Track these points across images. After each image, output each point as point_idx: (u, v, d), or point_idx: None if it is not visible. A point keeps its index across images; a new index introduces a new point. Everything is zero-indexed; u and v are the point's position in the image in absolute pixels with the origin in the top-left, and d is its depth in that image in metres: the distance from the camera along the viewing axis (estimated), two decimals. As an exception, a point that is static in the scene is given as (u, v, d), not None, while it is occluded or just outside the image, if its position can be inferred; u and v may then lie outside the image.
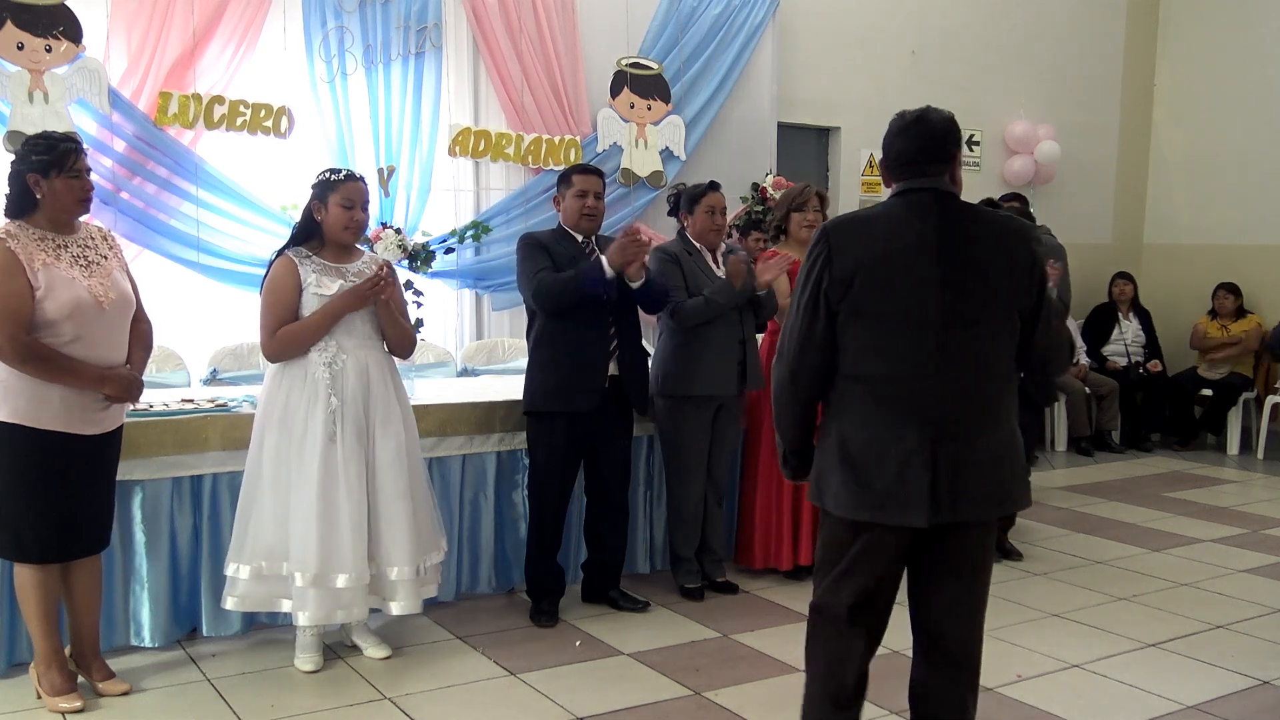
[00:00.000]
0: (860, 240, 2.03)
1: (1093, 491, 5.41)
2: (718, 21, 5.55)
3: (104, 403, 2.62)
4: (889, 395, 2.00)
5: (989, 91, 6.72)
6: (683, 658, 3.09)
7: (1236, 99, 6.93)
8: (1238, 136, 6.98)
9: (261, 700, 2.77)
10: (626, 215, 5.30)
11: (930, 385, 1.98)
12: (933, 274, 1.99)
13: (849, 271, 2.00)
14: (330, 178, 2.97)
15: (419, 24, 4.81)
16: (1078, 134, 7.00)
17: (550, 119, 5.12)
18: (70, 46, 4.13)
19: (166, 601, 3.03)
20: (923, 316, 1.98)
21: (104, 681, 2.77)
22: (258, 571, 2.88)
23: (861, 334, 2.02)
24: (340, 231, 2.95)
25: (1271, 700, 2.86)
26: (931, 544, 2.05)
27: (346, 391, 2.89)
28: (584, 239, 3.38)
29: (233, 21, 4.45)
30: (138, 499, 2.98)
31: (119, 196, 4.27)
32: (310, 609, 2.86)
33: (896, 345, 2.00)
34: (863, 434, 2.02)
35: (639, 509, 3.75)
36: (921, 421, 1.98)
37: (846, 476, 2.03)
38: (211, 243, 4.45)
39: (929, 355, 1.98)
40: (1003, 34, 6.75)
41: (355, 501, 2.87)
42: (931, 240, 2.00)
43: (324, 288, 2.89)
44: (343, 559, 2.85)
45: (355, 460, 2.88)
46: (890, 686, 2.86)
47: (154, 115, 4.31)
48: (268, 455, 2.88)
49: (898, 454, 1.98)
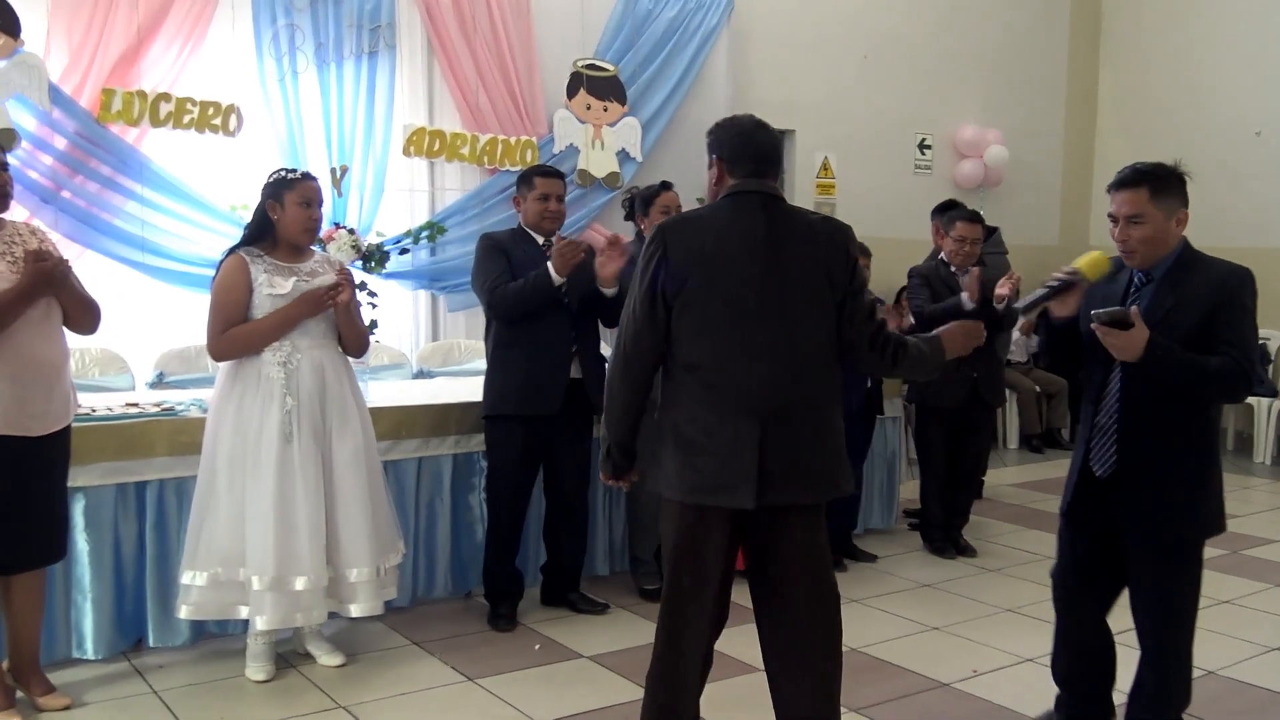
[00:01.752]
0: (694, 238, 2.15)
1: (1044, 488, 5.51)
2: (673, 24, 5.58)
3: (46, 396, 2.52)
4: (719, 383, 2.11)
5: (939, 96, 6.85)
6: (643, 660, 3.00)
7: (1177, 105, 7.13)
8: (1178, 142, 7.12)
9: (210, 712, 2.71)
10: (583, 216, 5.30)
11: (758, 374, 2.10)
12: (758, 270, 2.12)
13: (683, 267, 2.12)
14: (286, 176, 2.93)
15: (372, 23, 4.75)
16: (1024, 138, 7.16)
17: (505, 120, 5.09)
18: (8, 41, 4.00)
19: (110, 612, 2.94)
20: (748, 309, 2.11)
21: (44, 696, 2.68)
22: (214, 578, 2.81)
23: (693, 326, 2.13)
24: (298, 232, 2.91)
25: (1218, 690, 2.92)
26: (763, 526, 2.16)
27: (302, 392, 2.84)
28: (544, 240, 3.37)
29: (179, 17, 4.35)
30: (80, 506, 2.89)
31: (59, 195, 4.15)
32: (268, 613, 2.81)
33: (726, 336, 2.12)
34: (695, 420, 2.13)
35: (598, 511, 3.74)
36: (749, 408, 2.10)
37: (681, 461, 2.13)
38: (157, 243, 4.35)
39: (755, 346, 2.11)
40: (952, 40, 6.88)
41: (313, 503, 2.83)
42: (759, 239, 2.14)
43: (276, 287, 2.84)
44: (300, 561, 2.80)
45: (312, 461, 2.84)
46: (846, 684, 2.89)
47: (97, 112, 4.20)
48: (222, 459, 2.82)
49: (727, 439, 2.09)
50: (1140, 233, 2.20)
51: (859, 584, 3.83)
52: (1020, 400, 6.51)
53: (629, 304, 2.21)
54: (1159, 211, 2.19)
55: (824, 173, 6.43)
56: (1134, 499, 2.24)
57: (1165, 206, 2.20)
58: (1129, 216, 2.19)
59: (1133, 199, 2.19)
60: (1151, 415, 2.20)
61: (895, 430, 4.54)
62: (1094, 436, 2.29)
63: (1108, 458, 2.27)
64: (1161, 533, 2.24)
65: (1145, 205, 2.19)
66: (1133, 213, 2.19)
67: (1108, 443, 2.26)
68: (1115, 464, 2.25)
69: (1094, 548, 2.37)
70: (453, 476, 3.50)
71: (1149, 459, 2.22)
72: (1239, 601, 3.70)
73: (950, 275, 4.15)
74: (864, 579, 3.92)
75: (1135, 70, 7.47)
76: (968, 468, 4.34)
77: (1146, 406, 2.20)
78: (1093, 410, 2.31)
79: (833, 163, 6.46)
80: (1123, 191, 2.21)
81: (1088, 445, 2.31)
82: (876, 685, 2.93)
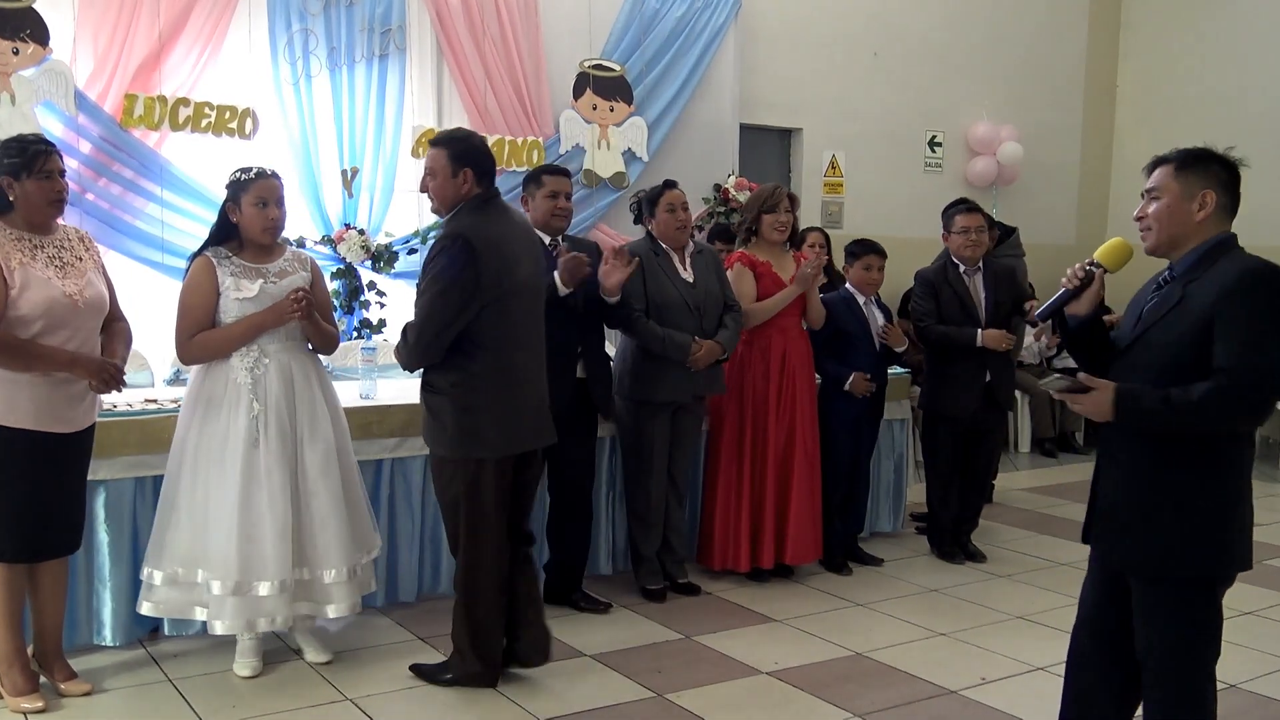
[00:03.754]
0: (496, 245, 2.70)
1: (1057, 493, 5.43)
2: (680, 23, 5.58)
3: (77, 400, 2.65)
4: (513, 362, 2.77)
5: (951, 93, 6.79)
6: (645, 659, 3.12)
7: (1199, 99, 6.99)
8: (1200, 137, 6.93)
9: (223, 700, 2.80)
10: (590, 216, 5.34)
11: (533, 347, 2.82)
12: (530, 264, 2.82)
13: (492, 271, 2.67)
14: (241, 177, 2.90)
15: (383, 26, 4.82)
16: (1041, 135, 7.08)
17: (513, 120, 5.14)
18: (37, 49, 4.11)
19: (128, 601, 3.04)
20: (529, 297, 2.81)
21: (66, 681, 2.79)
22: (172, 577, 2.85)
23: (494, 317, 2.70)
24: (258, 233, 2.89)
25: (1243, 704, 2.85)
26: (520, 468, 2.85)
27: (270, 396, 2.86)
28: (551, 240, 3.42)
29: (198, 24, 4.44)
30: (101, 498, 3.00)
31: (84, 198, 4.25)
32: (227, 618, 2.83)
33: (517, 322, 2.76)
34: (504, 391, 2.74)
35: (601, 510, 3.79)
36: (527, 377, 2.80)
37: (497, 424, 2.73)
38: (176, 243, 4.44)
39: (530, 328, 2.82)
40: (965, 36, 6.81)
41: (279, 508, 2.84)
42: (525, 238, 2.85)
43: (243, 290, 2.85)
44: (265, 566, 2.82)
45: (280, 465, 2.85)
46: (851, 689, 2.94)
47: (119, 117, 4.30)
48: (187, 460, 2.86)
49: (523, 401, 2.79)
50: (1156, 208, 1.99)
51: (864, 588, 3.82)
52: (1033, 403, 6.43)
53: (430, 305, 2.71)
54: (1179, 186, 1.97)
55: (832, 171, 6.41)
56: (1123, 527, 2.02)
57: (1186, 182, 1.97)
58: (1148, 189, 2.01)
59: (1158, 174, 2.01)
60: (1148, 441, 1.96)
61: (903, 432, 4.50)
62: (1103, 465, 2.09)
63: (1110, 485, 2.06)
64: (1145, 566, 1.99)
65: (1167, 179, 1.99)
66: (1153, 185, 2.01)
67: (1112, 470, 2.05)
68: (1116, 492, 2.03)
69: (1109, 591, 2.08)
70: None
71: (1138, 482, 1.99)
72: (1262, 613, 3.60)
73: (958, 277, 4.06)
74: (870, 583, 3.89)
75: (1157, 63, 7.33)
76: (978, 471, 4.21)
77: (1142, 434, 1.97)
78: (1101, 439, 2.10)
79: (841, 161, 6.43)
80: (1153, 170, 2.03)
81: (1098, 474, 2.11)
82: (882, 691, 2.92)
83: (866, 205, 6.35)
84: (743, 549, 3.77)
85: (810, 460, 3.81)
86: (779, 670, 3.07)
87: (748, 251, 3.83)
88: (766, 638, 3.34)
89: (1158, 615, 1.99)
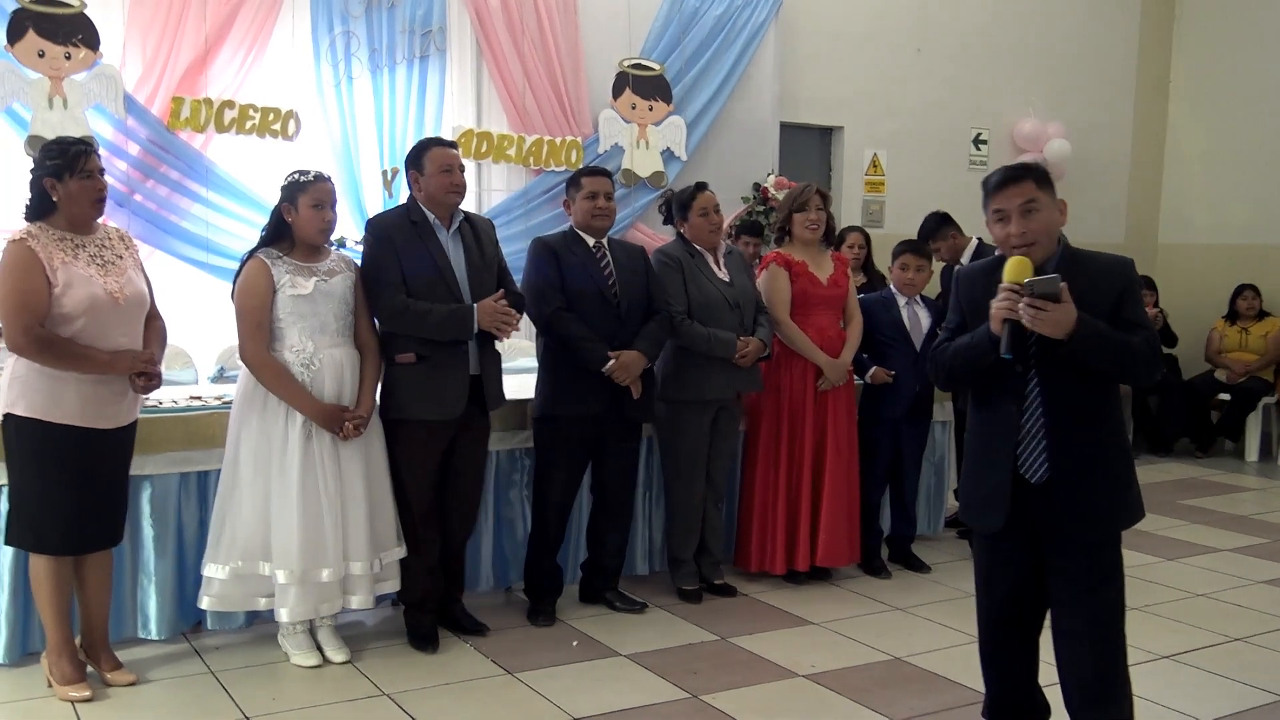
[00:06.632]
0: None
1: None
2: (720, 21, 5.56)
3: (119, 397, 2.71)
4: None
5: (996, 89, 6.68)
6: (680, 660, 3.12)
7: (1256, 92, 6.81)
8: (1258, 131, 6.84)
9: (263, 693, 2.84)
10: (628, 216, 5.33)
11: None
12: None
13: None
14: (299, 179, 2.98)
15: (424, 28, 4.87)
16: (1089, 132, 6.93)
17: (552, 120, 5.16)
18: (89, 54, 4.23)
19: (173, 595, 3.10)
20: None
21: (112, 672, 2.85)
22: (235, 571, 2.95)
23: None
24: (313, 234, 2.99)
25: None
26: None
27: (325, 391, 2.95)
28: (595, 242, 3.42)
29: (244, 27, 4.53)
30: (146, 494, 3.06)
31: (132, 199, 4.36)
32: (292, 605, 2.94)
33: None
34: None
35: (638, 511, 3.77)
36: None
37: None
38: (221, 244, 4.53)
39: None
40: (1011, 31, 6.69)
41: (333, 496, 2.95)
42: None
43: (298, 288, 2.94)
44: (325, 553, 2.93)
45: (331, 456, 2.95)
46: (890, 695, 2.89)
47: (167, 120, 4.40)
48: (245, 456, 2.94)
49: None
50: (1039, 220, 2.17)
51: (905, 592, 3.77)
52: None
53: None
54: (1046, 197, 2.20)
55: (873, 170, 6.33)
56: (1070, 499, 2.18)
57: (1050, 195, 2.22)
58: (1024, 204, 2.16)
59: (1023, 190, 2.18)
60: (1077, 408, 2.18)
61: (945, 435, 4.42)
62: (1022, 442, 2.21)
63: (1039, 462, 2.20)
64: (1097, 529, 2.22)
65: (1035, 193, 2.18)
66: (1027, 198, 2.17)
67: (1036, 446, 2.20)
68: (1048, 467, 2.19)
69: (1022, 576, 2.31)
70: (496, 473, 3.57)
71: (1080, 455, 2.19)
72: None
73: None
74: (911, 587, 3.84)
75: (1212, 57, 7.14)
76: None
77: (1072, 399, 2.17)
78: (1012, 415, 2.21)
79: (882, 160, 6.36)
80: (1009, 187, 2.19)
81: (1015, 454, 2.21)
82: (923, 697, 2.88)
83: (908, 204, 6.25)
84: (779, 551, 3.74)
85: (845, 461, 3.76)
86: (816, 673, 3.04)
87: (783, 251, 3.80)
88: (803, 640, 3.31)
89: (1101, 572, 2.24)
